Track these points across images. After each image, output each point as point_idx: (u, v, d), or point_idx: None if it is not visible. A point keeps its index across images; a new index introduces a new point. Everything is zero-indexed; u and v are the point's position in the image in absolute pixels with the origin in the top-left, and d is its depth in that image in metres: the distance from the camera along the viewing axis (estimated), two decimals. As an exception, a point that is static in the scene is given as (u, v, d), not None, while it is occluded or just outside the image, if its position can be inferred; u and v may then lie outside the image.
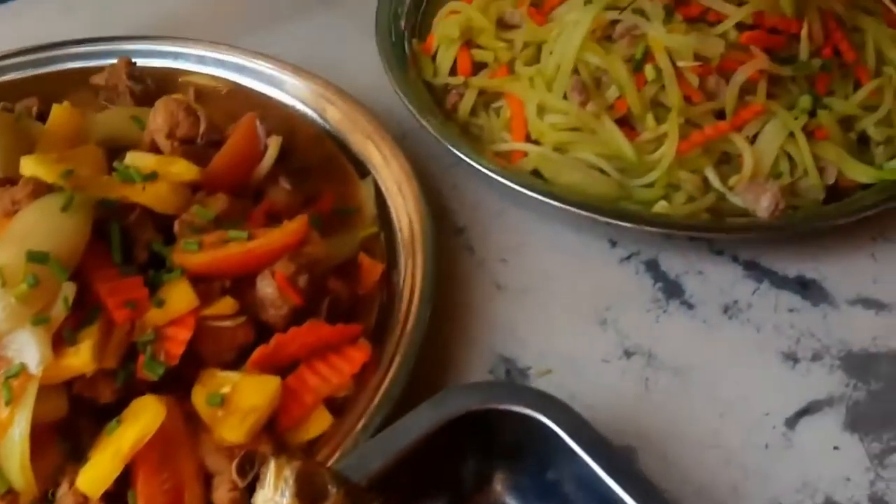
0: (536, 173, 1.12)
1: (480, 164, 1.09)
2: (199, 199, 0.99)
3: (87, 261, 0.88)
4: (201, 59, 1.25)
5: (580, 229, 1.09)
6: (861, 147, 1.14)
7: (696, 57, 1.10)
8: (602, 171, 1.10)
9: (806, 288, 1.05)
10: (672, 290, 1.05)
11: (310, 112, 1.19)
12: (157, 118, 1.04)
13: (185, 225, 0.96)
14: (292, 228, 0.95)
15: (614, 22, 1.14)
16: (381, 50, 1.23)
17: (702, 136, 1.09)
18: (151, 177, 0.97)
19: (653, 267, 1.07)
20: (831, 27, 1.17)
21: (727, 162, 1.12)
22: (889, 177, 1.09)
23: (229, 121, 1.13)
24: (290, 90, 1.21)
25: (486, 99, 1.21)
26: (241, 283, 0.94)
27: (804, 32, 1.13)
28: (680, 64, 1.10)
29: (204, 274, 0.92)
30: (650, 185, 1.10)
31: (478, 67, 1.23)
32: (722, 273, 1.07)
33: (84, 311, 0.86)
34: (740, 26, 1.13)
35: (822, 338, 1.01)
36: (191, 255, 0.92)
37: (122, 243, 0.92)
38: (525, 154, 1.13)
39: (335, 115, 1.17)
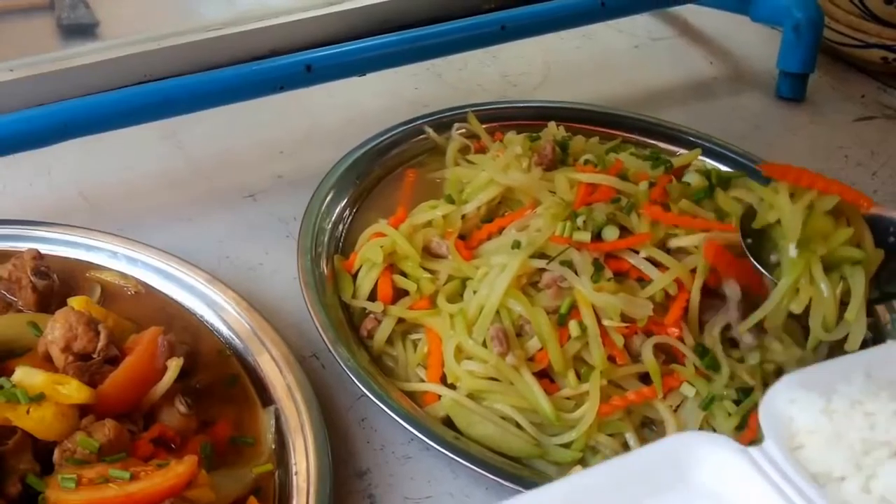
0: (448, 419, 1.07)
1: (388, 406, 1.04)
2: (86, 424, 0.93)
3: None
4: (113, 255, 1.20)
5: (489, 486, 1.03)
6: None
7: (623, 317, 1.07)
8: (518, 425, 1.06)
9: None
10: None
11: (219, 324, 1.14)
12: (55, 330, 0.99)
13: (65, 454, 0.90)
14: (178, 471, 0.89)
15: (542, 268, 1.11)
16: (300, 266, 1.19)
17: (624, 401, 1.05)
18: (38, 398, 0.91)
19: (562, 537, 1.01)
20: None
21: (649, 426, 1.09)
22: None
23: (132, 326, 1.09)
24: (201, 298, 1.16)
25: (405, 328, 1.16)
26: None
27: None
28: (606, 323, 1.07)
29: (79, 514, 0.86)
30: (567, 445, 1.05)
31: (399, 292, 1.19)
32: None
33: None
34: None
35: None
36: (66, 493, 0.86)
37: (-6, 474, 0.86)
38: (439, 397, 1.09)
39: (245, 332, 1.12)
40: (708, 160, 1.41)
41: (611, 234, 1.12)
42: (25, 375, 0.93)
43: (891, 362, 0.94)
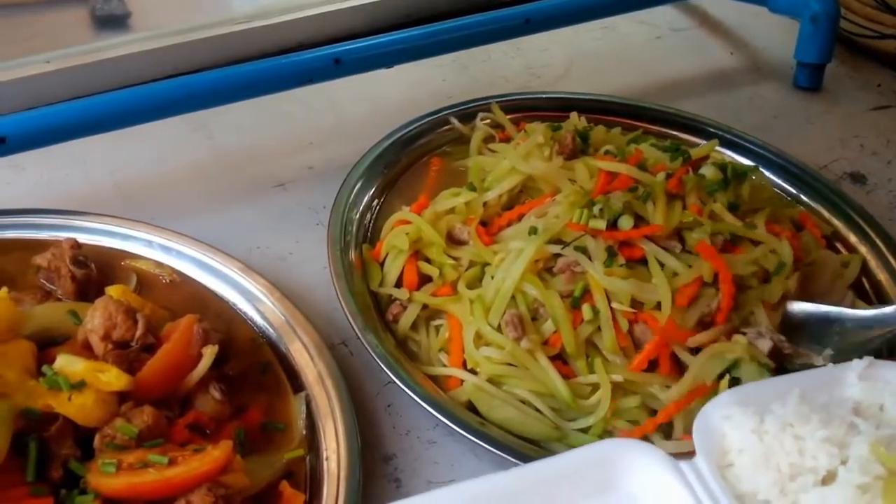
0: (471, 403, 1.11)
1: (414, 392, 1.07)
2: (125, 410, 0.96)
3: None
4: (149, 244, 1.23)
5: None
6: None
7: (633, 302, 1.11)
8: (537, 409, 1.09)
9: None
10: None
11: (251, 312, 1.17)
12: (95, 319, 1.03)
13: (105, 440, 0.94)
14: (214, 456, 0.92)
15: (557, 254, 1.15)
16: (330, 256, 1.22)
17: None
18: (79, 385, 0.95)
19: (581, 518, 1.05)
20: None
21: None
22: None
23: (167, 314, 1.12)
24: (234, 287, 1.19)
25: (428, 314, 1.20)
26: (156, 506, 0.91)
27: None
28: (615, 306, 1.10)
29: (118, 498, 0.90)
30: (585, 430, 1.08)
31: (424, 278, 1.22)
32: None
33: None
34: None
35: None
36: (107, 477, 0.89)
37: (37, 458, 0.90)
38: (461, 381, 1.12)
39: (277, 320, 1.15)
40: (727, 151, 1.44)
41: (626, 223, 1.15)
42: (66, 363, 0.97)
43: (827, 386, 0.97)
